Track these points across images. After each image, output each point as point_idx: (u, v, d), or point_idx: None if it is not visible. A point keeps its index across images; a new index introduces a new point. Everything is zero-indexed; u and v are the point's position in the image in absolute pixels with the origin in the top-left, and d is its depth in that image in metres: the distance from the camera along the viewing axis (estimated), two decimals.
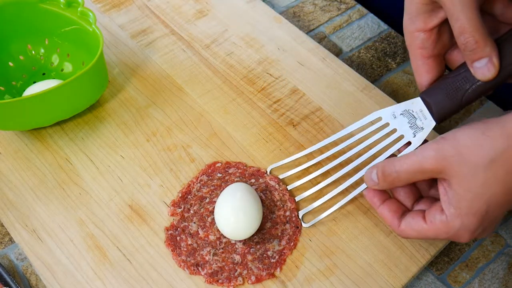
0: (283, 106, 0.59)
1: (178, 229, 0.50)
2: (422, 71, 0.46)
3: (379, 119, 0.49)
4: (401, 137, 0.48)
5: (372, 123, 0.50)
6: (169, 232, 0.50)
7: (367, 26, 0.70)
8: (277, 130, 0.58)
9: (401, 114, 0.48)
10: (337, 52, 0.68)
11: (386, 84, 0.64)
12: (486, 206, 0.39)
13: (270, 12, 0.68)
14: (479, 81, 0.43)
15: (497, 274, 0.51)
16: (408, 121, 0.47)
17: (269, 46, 0.65)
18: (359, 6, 0.72)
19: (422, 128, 0.47)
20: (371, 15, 0.71)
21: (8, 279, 0.48)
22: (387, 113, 0.49)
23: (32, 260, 0.49)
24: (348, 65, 0.63)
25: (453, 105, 0.45)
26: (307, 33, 0.68)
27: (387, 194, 0.46)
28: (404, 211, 0.45)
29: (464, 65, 0.44)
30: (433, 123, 0.46)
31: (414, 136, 0.47)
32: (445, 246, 0.51)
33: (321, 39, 0.69)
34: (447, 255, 0.52)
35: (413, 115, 0.47)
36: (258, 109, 0.59)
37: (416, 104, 0.47)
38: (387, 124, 0.49)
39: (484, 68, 0.41)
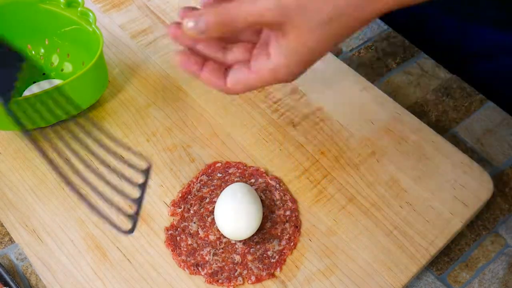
0: (283, 106, 0.59)
1: (178, 229, 0.50)
2: None
3: None
4: None
5: None
6: (169, 232, 0.50)
7: (367, 26, 0.70)
8: (277, 130, 0.58)
9: None
10: (337, 52, 0.68)
11: (386, 84, 0.64)
12: (314, 58, 0.40)
13: None
14: None
15: (497, 274, 0.51)
16: None
17: None
18: None
19: None
20: None
21: (8, 279, 0.48)
22: None
23: (32, 260, 0.49)
24: (348, 65, 0.63)
25: None
26: None
27: (202, 57, 0.42)
28: (225, 68, 0.42)
29: None
30: None
31: None
32: (445, 246, 0.51)
33: None
34: (447, 255, 0.52)
35: None
36: (258, 109, 0.59)
37: None
38: None
39: None
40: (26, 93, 0.56)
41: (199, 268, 0.48)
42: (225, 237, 0.50)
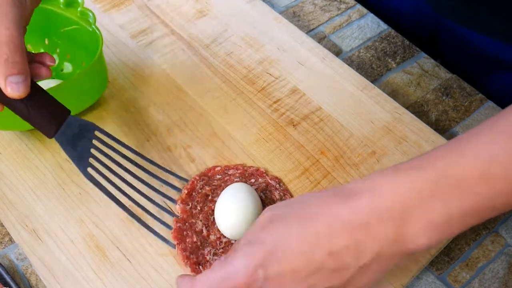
0: (283, 106, 0.59)
1: (186, 224, 0.50)
2: None
3: None
4: None
5: None
6: (178, 224, 0.50)
7: (367, 26, 0.70)
8: (277, 130, 0.58)
9: None
10: (337, 52, 0.68)
11: (386, 84, 0.64)
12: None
13: (270, 12, 0.68)
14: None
15: (497, 274, 0.51)
16: None
17: (269, 46, 0.65)
18: (359, 6, 0.72)
19: None
20: (371, 15, 0.71)
21: (8, 279, 0.48)
22: None
23: (32, 260, 0.49)
24: (348, 65, 0.63)
25: None
26: (307, 33, 0.68)
27: None
28: None
29: None
30: None
31: None
32: (445, 245, 0.51)
33: (321, 39, 0.69)
34: (447, 254, 0.52)
35: None
36: (258, 109, 0.59)
37: None
38: None
39: (20, 85, 0.41)
40: None
41: (200, 267, 0.48)
42: (225, 237, 0.50)
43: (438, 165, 0.33)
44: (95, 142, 0.48)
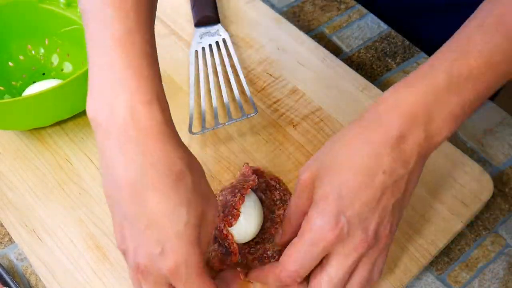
0: (283, 106, 0.59)
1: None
2: None
3: None
4: None
5: None
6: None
7: (367, 26, 0.70)
8: (277, 130, 0.58)
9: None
10: (337, 52, 0.68)
11: (386, 84, 0.64)
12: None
13: (270, 12, 0.68)
14: None
15: (497, 274, 0.51)
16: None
17: (269, 46, 0.65)
18: (359, 6, 0.72)
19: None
20: (371, 15, 0.71)
21: (8, 279, 0.48)
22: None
23: (31, 260, 0.49)
24: (348, 65, 0.63)
25: None
26: (307, 33, 0.67)
27: None
28: None
29: None
30: None
31: None
32: (445, 246, 0.51)
33: (321, 39, 0.69)
34: (447, 255, 0.52)
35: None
36: (258, 109, 0.59)
37: None
38: None
39: None
40: (26, 93, 0.56)
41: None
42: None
43: (446, 65, 0.38)
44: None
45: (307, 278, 0.42)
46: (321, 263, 0.41)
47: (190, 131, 0.55)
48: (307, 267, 0.40)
